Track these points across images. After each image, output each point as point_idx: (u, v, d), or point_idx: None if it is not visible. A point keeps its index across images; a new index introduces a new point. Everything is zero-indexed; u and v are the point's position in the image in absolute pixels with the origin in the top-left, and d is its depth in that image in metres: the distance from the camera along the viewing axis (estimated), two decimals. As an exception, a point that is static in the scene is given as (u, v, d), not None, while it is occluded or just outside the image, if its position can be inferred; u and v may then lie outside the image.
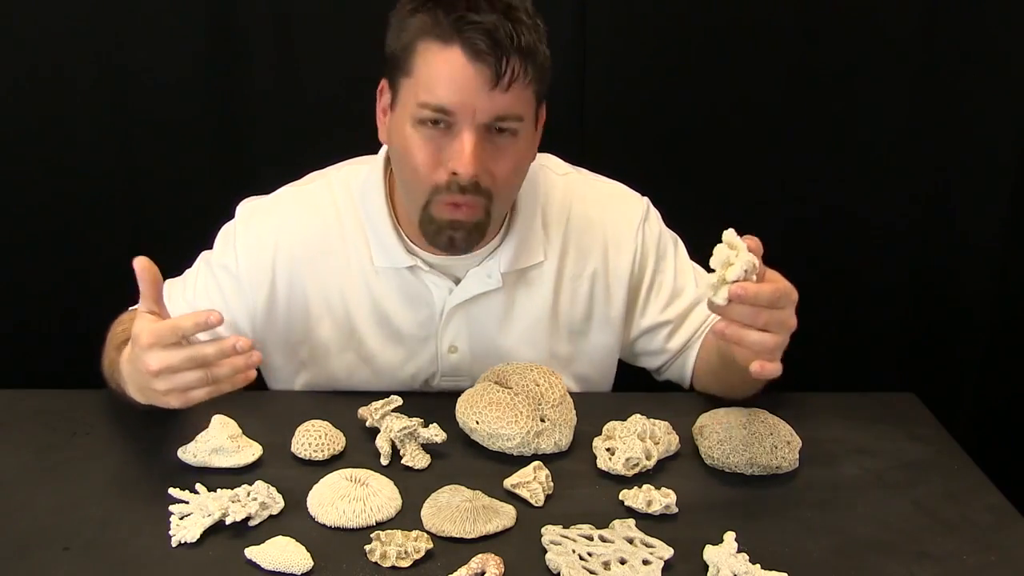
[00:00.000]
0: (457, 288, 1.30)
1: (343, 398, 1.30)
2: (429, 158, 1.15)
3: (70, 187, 1.79)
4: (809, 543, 1.04)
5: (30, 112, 1.75)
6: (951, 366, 1.96)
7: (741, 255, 1.01)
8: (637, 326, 1.38)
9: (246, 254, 1.30)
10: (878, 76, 1.79)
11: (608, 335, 1.37)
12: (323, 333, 1.33)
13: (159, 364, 1.01)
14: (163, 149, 1.79)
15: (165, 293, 1.33)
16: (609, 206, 1.36)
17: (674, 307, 1.37)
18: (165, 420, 1.24)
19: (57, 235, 1.82)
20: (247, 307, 1.31)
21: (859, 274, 1.92)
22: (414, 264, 1.28)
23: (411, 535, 1.00)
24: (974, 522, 1.09)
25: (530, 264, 1.31)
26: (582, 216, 1.33)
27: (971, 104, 1.81)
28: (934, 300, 1.93)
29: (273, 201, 1.34)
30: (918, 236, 1.89)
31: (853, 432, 1.26)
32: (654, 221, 1.37)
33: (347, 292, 1.31)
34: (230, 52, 1.73)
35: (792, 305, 1.04)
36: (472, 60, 1.11)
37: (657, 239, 1.36)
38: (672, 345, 1.38)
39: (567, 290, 1.34)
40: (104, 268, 1.80)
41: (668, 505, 1.08)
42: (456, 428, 1.20)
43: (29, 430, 1.22)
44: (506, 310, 1.32)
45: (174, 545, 1.00)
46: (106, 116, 1.76)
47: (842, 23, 1.76)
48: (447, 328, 1.31)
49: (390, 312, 1.31)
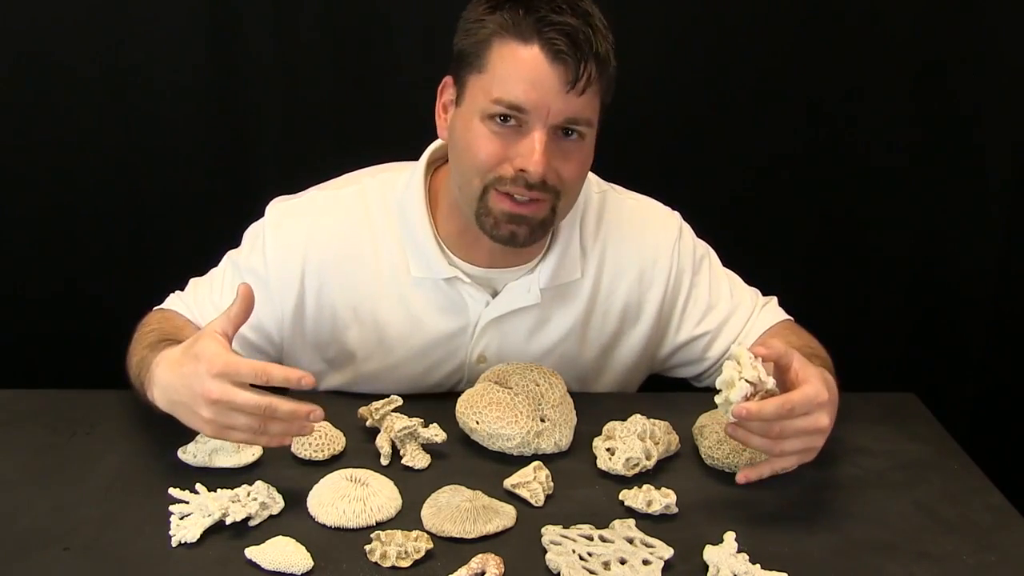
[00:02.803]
0: (495, 301, 1.29)
1: (343, 398, 1.29)
2: (496, 152, 1.15)
3: (70, 188, 1.80)
4: (809, 543, 1.04)
5: (30, 112, 1.75)
6: (951, 366, 1.96)
7: (746, 372, 1.03)
8: (672, 342, 1.38)
9: (275, 258, 1.28)
10: (879, 78, 1.79)
11: (637, 352, 1.37)
12: (350, 340, 1.31)
13: (221, 395, 1.00)
14: (163, 150, 1.79)
15: (189, 291, 1.33)
16: (645, 226, 1.35)
17: (710, 319, 1.37)
18: (165, 420, 1.23)
19: (57, 235, 1.82)
20: (274, 312, 1.30)
21: (859, 274, 1.92)
22: (454, 276, 1.27)
23: (411, 535, 1.00)
24: (974, 522, 1.09)
25: (569, 280, 1.30)
26: (618, 235, 1.33)
27: (972, 105, 1.81)
28: (934, 301, 1.93)
29: (305, 205, 1.32)
30: (918, 236, 1.89)
31: (853, 432, 1.26)
32: (688, 239, 1.37)
33: (377, 301, 1.29)
34: (231, 53, 1.73)
35: (820, 409, 1.05)
36: (551, 60, 1.11)
37: (692, 257, 1.36)
38: (712, 354, 1.38)
39: (600, 307, 1.33)
40: (104, 268, 1.81)
41: (668, 505, 1.08)
42: (456, 428, 1.20)
43: (29, 430, 1.21)
44: (539, 324, 1.31)
45: (174, 545, 1.00)
46: (106, 117, 1.76)
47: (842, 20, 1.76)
48: (480, 340, 1.30)
49: (423, 323, 1.30)
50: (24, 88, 1.73)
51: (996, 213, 1.87)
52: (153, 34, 1.71)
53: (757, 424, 1.04)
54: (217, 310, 1.27)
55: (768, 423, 1.03)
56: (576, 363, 1.34)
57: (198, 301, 1.31)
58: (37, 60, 1.72)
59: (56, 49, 1.71)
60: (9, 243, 1.82)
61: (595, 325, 1.34)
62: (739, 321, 1.37)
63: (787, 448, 1.06)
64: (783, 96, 1.81)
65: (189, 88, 1.75)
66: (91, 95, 1.74)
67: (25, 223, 1.81)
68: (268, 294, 1.28)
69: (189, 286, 1.35)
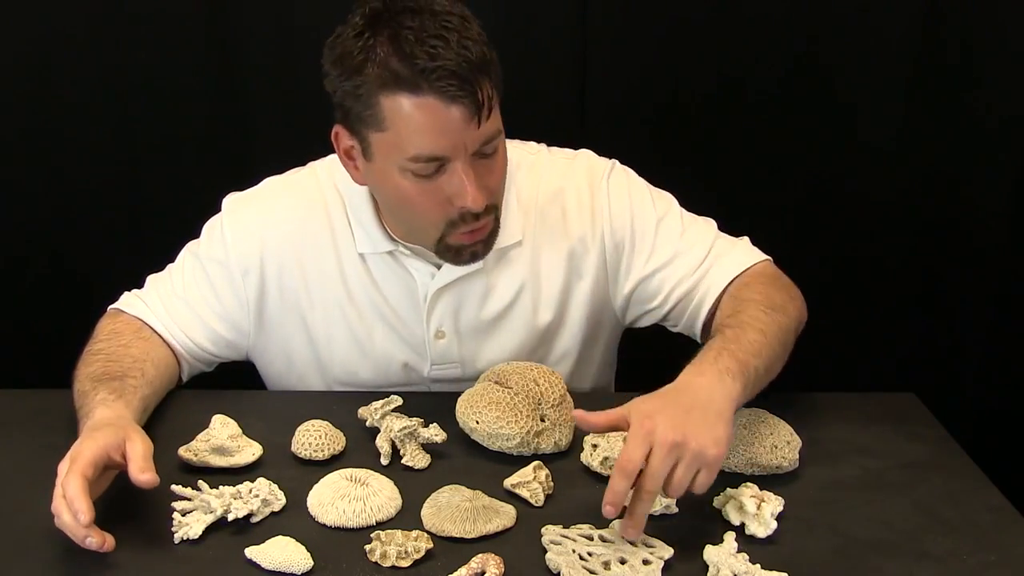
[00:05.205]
0: (439, 272, 1.30)
1: (343, 398, 1.29)
2: (432, 201, 1.17)
3: (70, 187, 1.80)
4: (809, 543, 1.04)
5: (30, 112, 1.75)
6: (951, 366, 1.96)
7: None
8: (624, 285, 1.35)
9: (235, 244, 1.31)
10: (879, 74, 1.79)
11: (589, 297, 1.36)
12: (314, 320, 1.33)
13: (56, 502, 0.98)
14: (163, 150, 1.79)
15: (149, 289, 1.35)
16: (571, 172, 1.35)
17: (655, 259, 1.33)
18: (165, 420, 1.24)
19: (57, 235, 1.82)
20: (239, 299, 1.32)
21: (859, 274, 1.92)
22: (394, 249, 1.29)
23: (411, 535, 1.00)
24: (974, 522, 1.09)
25: (509, 244, 1.31)
26: (550, 189, 1.34)
27: (972, 104, 1.81)
28: (934, 300, 1.93)
29: (258, 191, 1.35)
30: (919, 236, 1.89)
31: (853, 432, 1.26)
32: (620, 181, 1.35)
33: (336, 279, 1.31)
34: (230, 53, 1.73)
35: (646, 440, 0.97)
36: (449, 104, 1.11)
37: (627, 197, 1.34)
38: (669, 295, 1.33)
39: (544, 263, 1.34)
40: (104, 268, 1.80)
41: (668, 505, 1.08)
42: (456, 428, 1.20)
43: (29, 430, 1.21)
44: (488, 289, 1.33)
45: (177, 542, 1.00)
46: (106, 117, 1.76)
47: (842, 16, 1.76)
48: (433, 313, 1.32)
49: (376, 298, 1.32)
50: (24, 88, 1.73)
51: (996, 212, 1.87)
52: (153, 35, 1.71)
53: (636, 503, 0.98)
54: (181, 301, 1.31)
55: (638, 494, 0.98)
56: (533, 323, 1.34)
57: (161, 297, 1.33)
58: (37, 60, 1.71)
59: (56, 49, 1.71)
60: (9, 243, 1.82)
61: (544, 281, 1.34)
62: (693, 259, 1.32)
63: (677, 483, 0.98)
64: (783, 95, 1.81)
65: (189, 89, 1.75)
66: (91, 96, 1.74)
67: (25, 223, 1.81)
68: (231, 280, 1.31)
69: (148, 283, 1.36)
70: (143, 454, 1.02)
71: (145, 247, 1.81)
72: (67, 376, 1.23)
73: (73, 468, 0.98)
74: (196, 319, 1.32)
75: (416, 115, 1.11)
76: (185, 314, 1.32)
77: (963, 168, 1.85)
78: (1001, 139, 1.82)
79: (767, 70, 1.79)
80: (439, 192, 1.16)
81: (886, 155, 1.84)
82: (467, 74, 1.10)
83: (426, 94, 1.10)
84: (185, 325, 1.32)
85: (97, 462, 1.01)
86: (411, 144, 1.13)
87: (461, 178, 1.14)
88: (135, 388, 1.19)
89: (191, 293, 1.32)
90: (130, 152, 1.79)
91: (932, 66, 1.78)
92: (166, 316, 1.32)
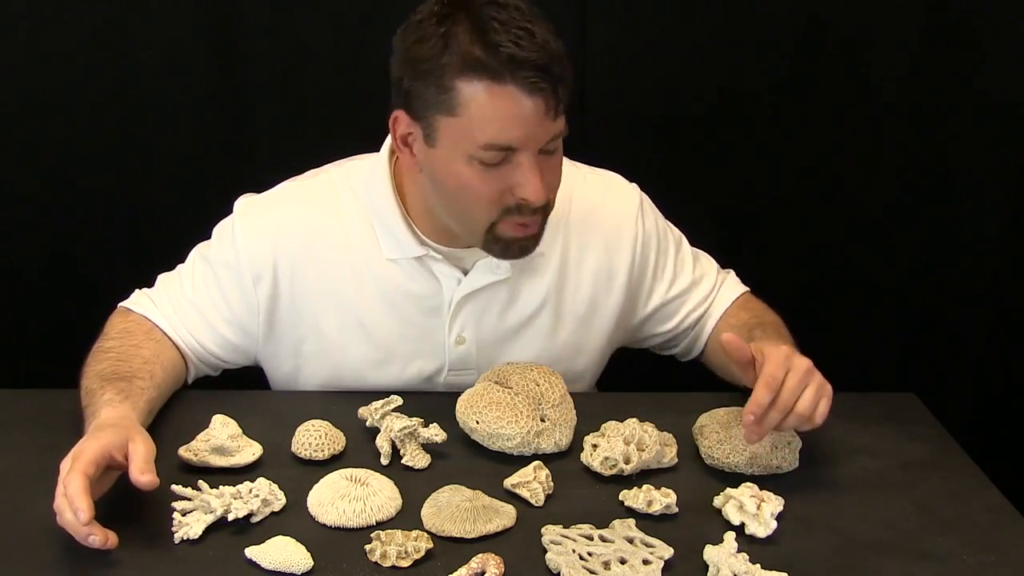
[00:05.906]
0: (466, 278, 1.30)
1: (343, 398, 1.29)
2: (494, 190, 1.17)
3: (70, 187, 1.79)
4: (809, 543, 1.04)
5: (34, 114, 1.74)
6: (951, 366, 1.95)
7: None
8: (643, 309, 1.41)
9: (247, 248, 1.30)
10: (878, 75, 1.79)
11: (612, 322, 1.38)
12: (328, 326, 1.32)
13: (58, 500, 0.98)
14: (163, 150, 1.78)
15: (158, 289, 1.34)
16: (607, 195, 1.38)
17: (679, 284, 1.41)
18: (166, 420, 1.24)
19: (59, 236, 1.82)
20: (249, 303, 1.31)
21: (859, 274, 1.92)
22: (425, 254, 1.29)
23: (411, 535, 1.00)
24: (974, 522, 1.09)
25: (536, 254, 1.31)
26: (583, 207, 1.35)
27: (972, 104, 1.81)
28: (934, 299, 1.93)
29: (272, 195, 1.34)
30: (919, 236, 1.89)
31: (853, 432, 1.26)
32: (648, 208, 1.41)
33: (351, 285, 1.31)
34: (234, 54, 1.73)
35: (791, 358, 1.13)
36: (529, 95, 1.11)
37: (655, 225, 1.40)
38: (680, 320, 1.42)
39: (571, 279, 1.35)
40: (104, 268, 1.80)
41: (668, 505, 1.08)
42: (456, 428, 1.20)
43: (29, 430, 1.21)
44: (511, 298, 1.33)
45: (177, 542, 1.01)
46: (109, 118, 1.75)
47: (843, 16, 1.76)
48: (456, 318, 1.31)
49: (398, 305, 1.31)
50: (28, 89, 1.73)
51: (997, 212, 1.87)
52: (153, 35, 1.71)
53: (771, 413, 1.10)
54: (190, 304, 1.31)
55: (775, 405, 1.09)
56: (553, 338, 1.35)
57: (170, 298, 1.33)
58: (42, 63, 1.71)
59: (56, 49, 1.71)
60: (9, 243, 1.82)
61: (568, 297, 1.35)
62: (707, 287, 1.43)
63: (808, 402, 1.11)
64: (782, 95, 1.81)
65: (189, 89, 1.75)
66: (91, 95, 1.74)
67: (25, 223, 1.81)
68: (242, 285, 1.30)
69: (158, 283, 1.36)
70: (144, 456, 1.02)
71: (147, 248, 1.82)
72: (67, 376, 1.23)
73: (75, 466, 0.99)
74: (204, 323, 1.32)
75: (494, 103, 1.12)
76: (193, 317, 1.31)
77: (963, 168, 1.85)
78: (1001, 139, 1.82)
79: (766, 71, 1.79)
80: (500, 182, 1.16)
81: (886, 155, 1.84)
82: (550, 68, 1.11)
83: (508, 83, 1.11)
84: (193, 328, 1.31)
85: (99, 461, 1.01)
86: (484, 132, 1.13)
87: (527, 170, 1.15)
88: (142, 390, 1.19)
89: (200, 296, 1.32)
90: (132, 153, 1.78)
91: (932, 66, 1.78)
92: (174, 317, 1.31)
